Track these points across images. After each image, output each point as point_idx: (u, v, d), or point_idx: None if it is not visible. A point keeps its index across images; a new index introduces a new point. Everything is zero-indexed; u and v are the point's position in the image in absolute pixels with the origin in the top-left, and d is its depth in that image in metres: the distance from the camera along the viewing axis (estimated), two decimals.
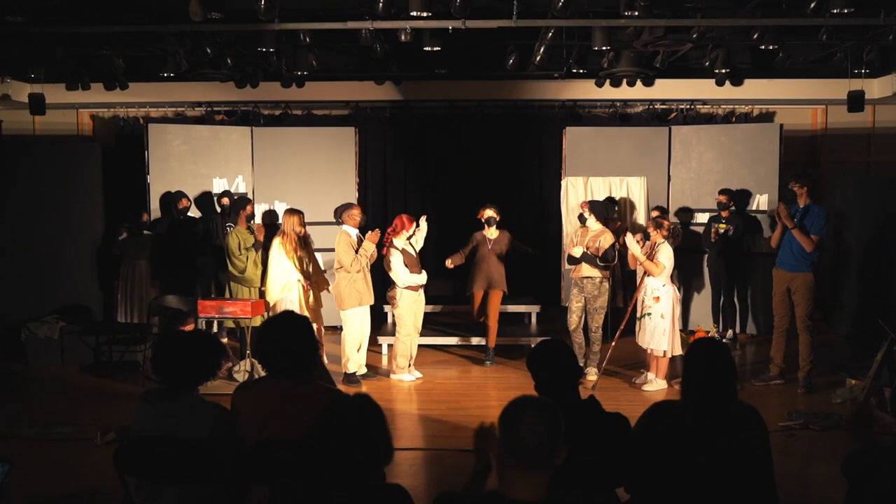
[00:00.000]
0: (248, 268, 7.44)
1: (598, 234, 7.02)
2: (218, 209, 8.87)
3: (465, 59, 9.28)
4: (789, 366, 6.76)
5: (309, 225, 7.37)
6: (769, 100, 10.00)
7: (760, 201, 8.88)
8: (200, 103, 10.09)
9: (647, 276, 6.67)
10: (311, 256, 7.20)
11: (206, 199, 9.10)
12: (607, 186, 8.84)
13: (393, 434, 2.36)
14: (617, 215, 8.56)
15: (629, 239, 6.74)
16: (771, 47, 7.97)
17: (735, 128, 9.50)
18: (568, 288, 7.84)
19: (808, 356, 6.60)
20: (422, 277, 7.07)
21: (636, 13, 6.49)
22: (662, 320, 6.57)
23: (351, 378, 6.97)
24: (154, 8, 7.47)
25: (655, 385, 6.71)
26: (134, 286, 8.33)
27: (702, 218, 9.01)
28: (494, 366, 7.62)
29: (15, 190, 8.24)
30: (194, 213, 8.98)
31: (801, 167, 9.00)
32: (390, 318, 8.24)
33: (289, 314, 3.25)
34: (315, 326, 4.07)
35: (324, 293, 7.31)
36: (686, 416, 2.85)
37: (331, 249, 7.30)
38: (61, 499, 4.57)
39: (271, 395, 3.03)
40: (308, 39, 7.83)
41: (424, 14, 6.44)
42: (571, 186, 8.82)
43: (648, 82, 9.48)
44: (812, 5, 6.50)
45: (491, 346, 7.71)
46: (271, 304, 6.94)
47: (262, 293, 7.27)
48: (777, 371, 6.82)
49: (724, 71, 8.71)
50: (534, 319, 8.87)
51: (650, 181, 8.96)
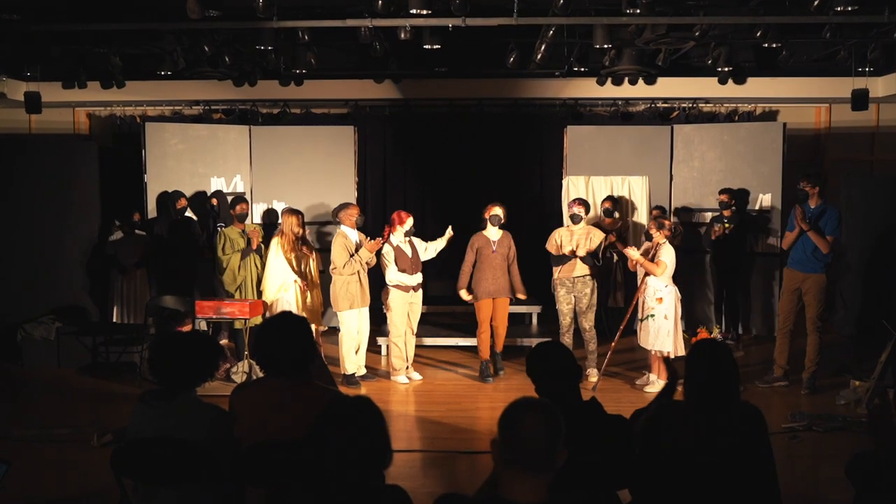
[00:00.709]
0: (227, 270, 7.13)
1: (587, 233, 6.99)
2: (211, 208, 8.80)
3: (465, 58, 9.20)
4: (793, 367, 6.71)
5: (308, 224, 7.32)
6: (772, 98, 9.94)
7: (763, 200, 8.81)
8: (198, 102, 10.02)
9: (649, 276, 6.62)
10: (311, 257, 7.13)
11: (203, 198, 9.02)
12: (609, 186, 8.78)
13: (392, 435, 2.33)
14: (618, 214, 8.51)
15: (629, 251, 6.67)
16: (774, 45, 7.94)
17: (738, 126, 9.44)
18: None
19: (814, 357, 6.55)
20: (412, 278, 6.93)
21: (638, 11, 6.46)
22: (666, 321, 6.52)
23: (350, 379, 6.90)
24: (151, 5, 7.41)
25: (658, 386, 6.64)
26: (128, 287, 8.26)
27: (704, 217, 8.95)
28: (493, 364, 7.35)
29: (10, 190, 8.17)
30: (189, 213, 8.89)
31: (805, 166, 8.92)
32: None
33: (287, 315, 3.24)
34: (313, 328, 4.03)
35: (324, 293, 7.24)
36: (689, 416, 2.86)
37: (330, 250, 7.22)
38: (58, 500, 4.54)
39: (269, 396, 3.01)
40: (307, 37, 7.77)
41: (424, 12, 6.42)
42: (572, 186, 8.78)
43: (650, 81, 9.43)
44: (815, 3, 6.43)
45: (499, 349, 7.28)
46: (268, 304, 6.87)
47: (260, 293, 7.18)
48: (781, 372, 6.77)
49: (726, 69, 8.66)
50: (535, 320, 8.81)
51: (652, 180, 8.90)
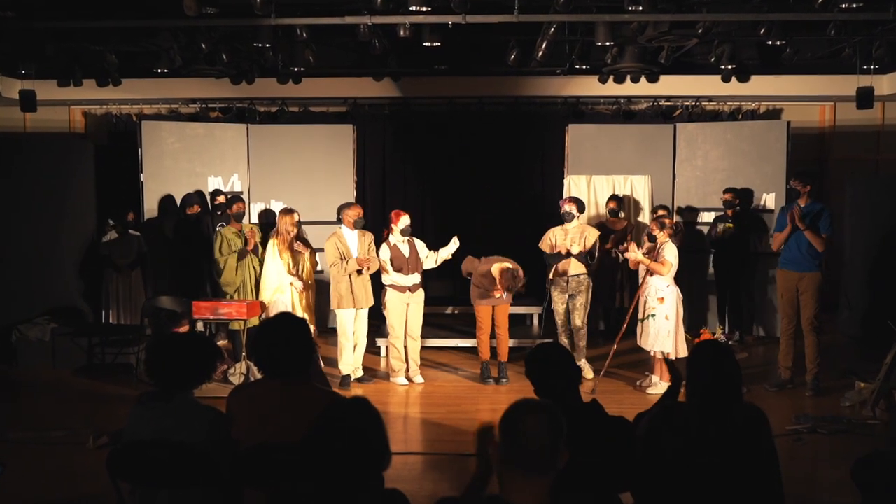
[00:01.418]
0: (225, 272, 7.03)
1: (582, 232, 6.93)
2: (210, 208, 8.71)
3: (465, 55, 9.14)
4: (797, 369, 6.64)
5: (306, 224, 7.23)
6: (776, 96, 9.88)
7: (767, 200, 8.74)
8: (195, 100, 9.95)
9: (651, 276, 6.55)
10: (305, 255, 7.03)
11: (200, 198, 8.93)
12: (611, 185, 8.72)
13: (391, 437, 2.30)
14: (623, 214, 8.44)
15: (630, 253, 6.60)
16: (778, 43, 7.90)
17: (741, 125, 9.37)
18: None
19: (814, 358, 6.48)
20: (408, 279, 6.84)
21: (640, 8, 6.43)
22: (667, 322, 6.45)
23: (344, 381, 6.83)
24: (147, 2, 7.34)
25: (660, 388, 6.56)
26: (122, 288, 8.18)
27: (707, 217, 8.89)
28: (495, 367, 7.25)
29: (5, 188, 8.09)
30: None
31: (809, 165, 8.87)
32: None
33: (285, 315, 3.22)
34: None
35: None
36: (691, 418, 2.85)
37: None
38: None
39: (267, 397, 2.97)
40: (305, 35, 7.69)
41: (424, 9, 6.44)
42: (574, 185, 8.72)
43: (653, 78, 9.37)
44: (820, 0, 6.39)
45: (503, 358, 7.06)
46: (265, 305, 6.80)
47: (258, 294, 7.10)
48: (788, 375, 6.69)
49: (730, 67, 8.62)
50: (535, 321, 8.73)
51: (655, 179, 8.85)
